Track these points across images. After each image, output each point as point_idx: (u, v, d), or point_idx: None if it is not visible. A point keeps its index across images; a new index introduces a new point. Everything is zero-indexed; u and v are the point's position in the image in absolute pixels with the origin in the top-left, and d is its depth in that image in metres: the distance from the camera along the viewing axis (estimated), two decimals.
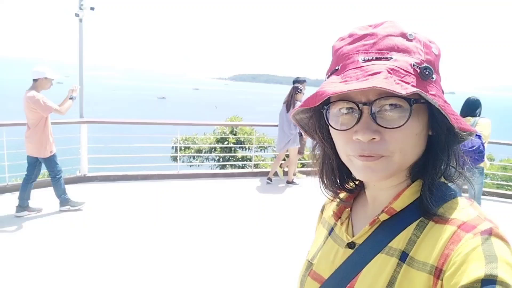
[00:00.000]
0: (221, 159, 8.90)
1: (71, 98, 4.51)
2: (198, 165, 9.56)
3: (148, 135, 8.05)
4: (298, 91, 5.92)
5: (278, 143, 6.27)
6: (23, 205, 4.42)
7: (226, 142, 8.52)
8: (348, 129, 0.59)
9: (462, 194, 0.65)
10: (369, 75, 0.55)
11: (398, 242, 0.61)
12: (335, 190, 0.75)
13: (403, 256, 0.59)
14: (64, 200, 4.57)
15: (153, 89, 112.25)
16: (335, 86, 0.56)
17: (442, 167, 0.62)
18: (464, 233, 0.55)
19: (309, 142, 3.65)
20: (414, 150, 0.60)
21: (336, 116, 0.61)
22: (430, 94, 0.56)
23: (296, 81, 6.08)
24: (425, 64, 0.58)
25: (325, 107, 0.62)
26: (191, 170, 7.92)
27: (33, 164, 4.48)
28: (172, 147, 9.50)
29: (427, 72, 0.57)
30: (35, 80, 4.25)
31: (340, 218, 0.75)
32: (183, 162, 9.45)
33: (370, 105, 0.57)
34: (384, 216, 0.64)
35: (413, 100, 0.56)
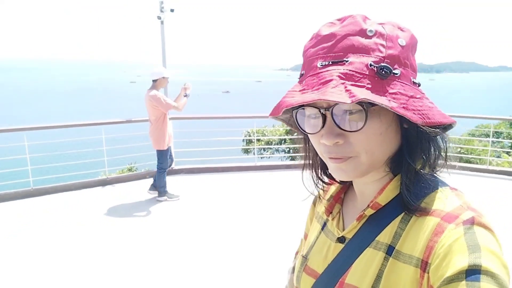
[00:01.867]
0: (291, 151, 8.97)
1: (185, 96, 4.93)
2: (269, 157, 9.75)
3: (224, 129, 8.34)
4: None
5: None
6: (161, 192, 4.96)
7: (296, 134, 8.54)
8: (316, 132, 0.61)
9: None
10: (322, 83, 0.55)
11: (385, 236, 0.62)
12: (326, 181, 0.77)
13: (390, 250, 0.60)
14: (162, 192, 5.00)
15: (218, 84, 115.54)
16: (293, 96, 0.58)
17: (420, 159, 0.61)
18: (446, 224, 0.55)
19: None
20: (382, 148, 0.60)
21: (307, 120, 0.62)
22: (390, 93, 0.55)
23: None
24: (381, 64, 0.56)
25: (294, 112, 0.63)
26: (268, 162, 8.08)
27: None
28: (243, 140, 9.82)
29: (383, 72, 0.56)
30: (154, 81, 4.73)
31: (331, 213, 0.75)
32: (254, 154, 9.68)
33: (332, 110, 0.58)
34: (369, 211, 0.65)
35: (367, 104, 0.55)
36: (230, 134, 9.12)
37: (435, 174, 0.63)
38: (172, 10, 5.94)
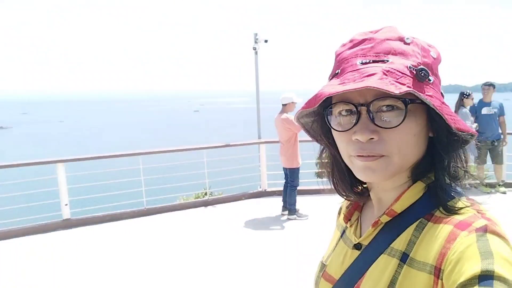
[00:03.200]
0: None
1: None
2: None
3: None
4: (465, 97, 5.98)
5: None
6: (291, 210, 5.22)
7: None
8: (348, 130, 0.61)
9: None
10: (365, 76, 0.57)
11: (399, 243, 0.63)
12: (347, 192, 0.76)
13: (404, 257, 0.61)
14: (292, 210, 5.24)
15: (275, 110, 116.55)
16: (333, 87, 0.59)
17: (448, 167, 0.62)
18: (459, 231, 0.55)
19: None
20: (413, 150, 0.61)
21: (337, 117, 0.63)
22: (427, 95, 0.57)
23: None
24: (421, 66, 0.59)
25: (326, 109, 0.64)
26: None
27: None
28: (316, 164, 9.76)
29: (422, 74, 0.58)
30: (284, 105, 5.12)
31: (349, 220, 0.77)
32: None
33: (368, 106, 0.59)
34: (385, 218, 0.66)
35: (408, 100, 0.57)
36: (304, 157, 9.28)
37: (453, 184, 0.64)
38: (266, 41, 6.32)
